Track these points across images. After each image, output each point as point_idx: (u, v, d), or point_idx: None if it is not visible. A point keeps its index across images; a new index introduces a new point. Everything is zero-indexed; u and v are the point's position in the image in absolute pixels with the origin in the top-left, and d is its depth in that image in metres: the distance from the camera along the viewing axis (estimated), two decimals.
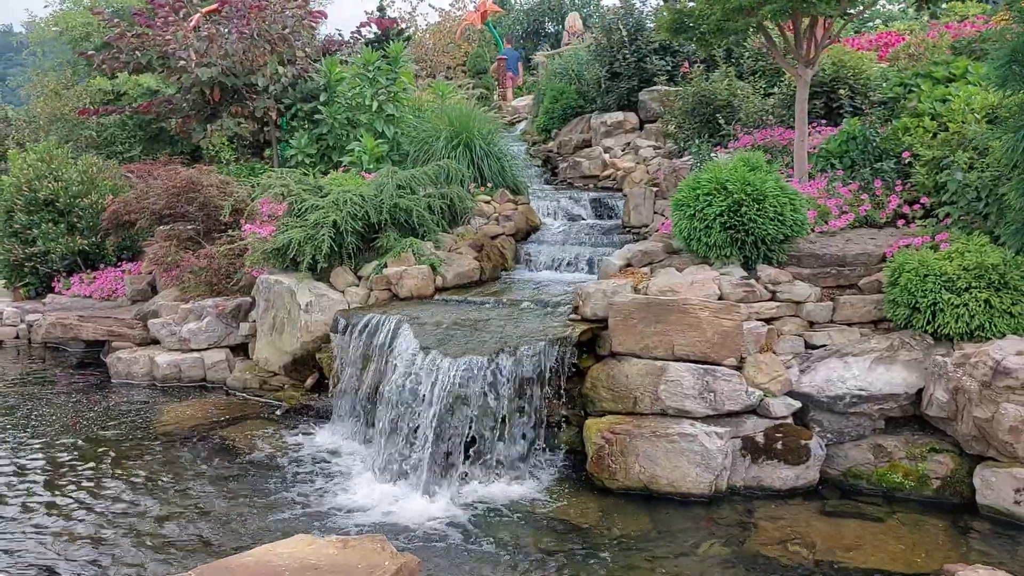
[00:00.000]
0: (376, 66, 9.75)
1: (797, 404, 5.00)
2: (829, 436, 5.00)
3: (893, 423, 5.03)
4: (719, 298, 5.36)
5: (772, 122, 8.30)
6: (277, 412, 6.58)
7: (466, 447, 5.07)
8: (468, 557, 4.12)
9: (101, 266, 10.72)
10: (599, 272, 6.40)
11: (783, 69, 7.90)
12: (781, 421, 4.94)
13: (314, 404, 6.60)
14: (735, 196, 5.56)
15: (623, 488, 4.87)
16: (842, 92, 7.98)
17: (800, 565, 4.00)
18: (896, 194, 6.24)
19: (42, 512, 4.69)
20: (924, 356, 5.00)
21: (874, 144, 6.76)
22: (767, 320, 5.44)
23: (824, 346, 5.36)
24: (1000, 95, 5.64)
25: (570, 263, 7.74)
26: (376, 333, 5.87)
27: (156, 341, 7.97)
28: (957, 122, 6.23)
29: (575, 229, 8.51)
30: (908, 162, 6.41)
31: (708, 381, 4.89)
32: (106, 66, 10.42)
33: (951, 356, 4.78)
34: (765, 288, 5.54)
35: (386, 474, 5.12)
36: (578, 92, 11.92)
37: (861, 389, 4.91)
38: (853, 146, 6.86)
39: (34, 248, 10.63)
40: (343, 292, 6.93)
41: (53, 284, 10.74)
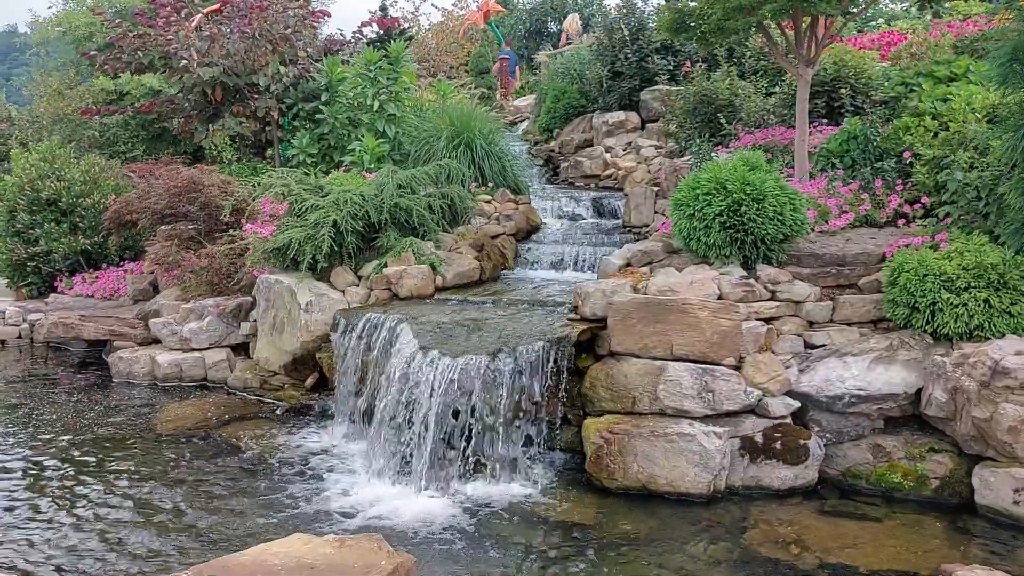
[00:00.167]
0: (378, 66, 9.75)
1: (796, 404, 5.00)
2: (828, 436, 5.00)
3: (892, 423, 5.02)
4: (718, 298, 5.36)
5: (773, 121, 8.29)
6: (277, 411, 6.59)
7: (465, 447, 5.08)
8: (465, 557, 4.13)
9: (103, 266, 10.73)
10: (598, 272, 6.40)
11: (784, 68, 7.88)
12: (780, 421, 4.94)
13: (314, 403, 6.61)
14: (735, 196, 5.56)
15: (622, 488, 4.87)
16: (843, 91, 7.96)
17: (799, 565, 4.00)
18: (896, 193, 6.23)
19: (40, 510, 4.70)
20: (923, 356, 4.99)
21: (875, 143, 6.74)
22: (766, 320, 5.43)
23: (823, 346, 5.35)
24: (1000, 94, 5.63)
25: (571, 263, 7.73)
26: (376, 333, 5.87)
27: (157, 341, 7.98)
28: (958, 121, 6.22)
29: (576, 229, 8.51)
30: (909, 161, 6.40)
31: (707, 381, 4.89)
32: (108, 66, 10.44)
33: (950, 356, 4.77)
34: (764, 288, 5.53)
35: (385, 473, 5.12)
36: (580, 92, 11.91)
37: (860, 389, 4.91)
38: (854, 145, 6.85)
39: (37, 248, 10.65)
40: (343, 292, 6.94)
41: (56, 284, 10.75)
